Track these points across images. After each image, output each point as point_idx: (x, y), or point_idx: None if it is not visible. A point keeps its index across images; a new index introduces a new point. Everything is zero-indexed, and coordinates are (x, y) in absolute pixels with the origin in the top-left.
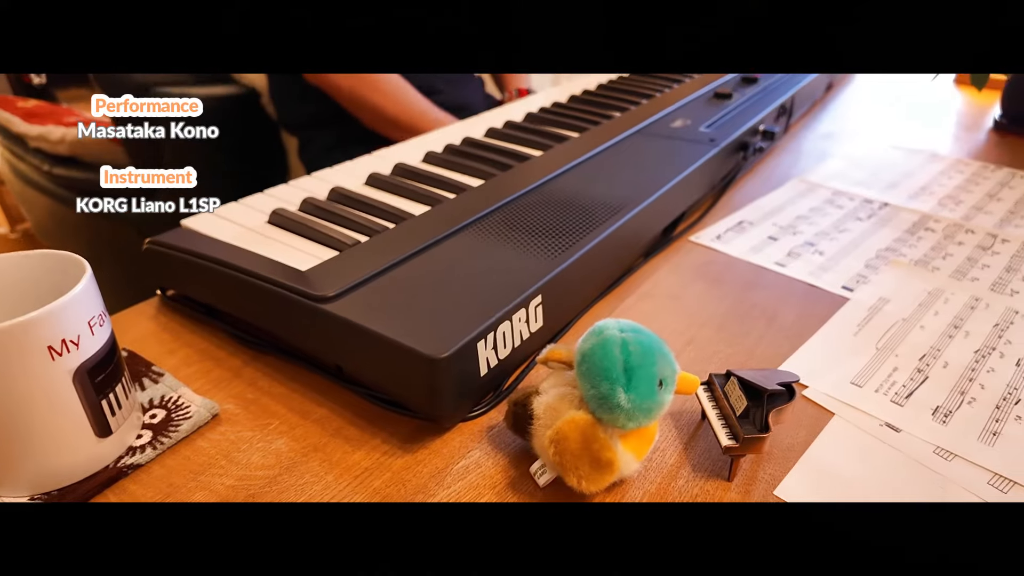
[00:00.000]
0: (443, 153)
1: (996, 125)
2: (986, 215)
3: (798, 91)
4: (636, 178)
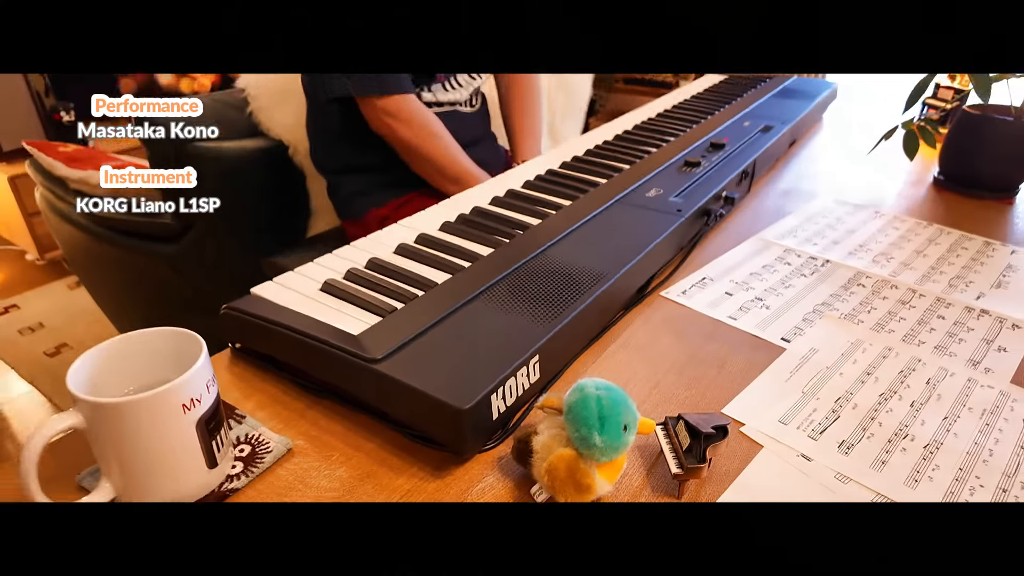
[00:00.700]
0: (456, 222)
1: (935, 182)
2: (911, 271)
3: (760, 155)
4: (616, 247)
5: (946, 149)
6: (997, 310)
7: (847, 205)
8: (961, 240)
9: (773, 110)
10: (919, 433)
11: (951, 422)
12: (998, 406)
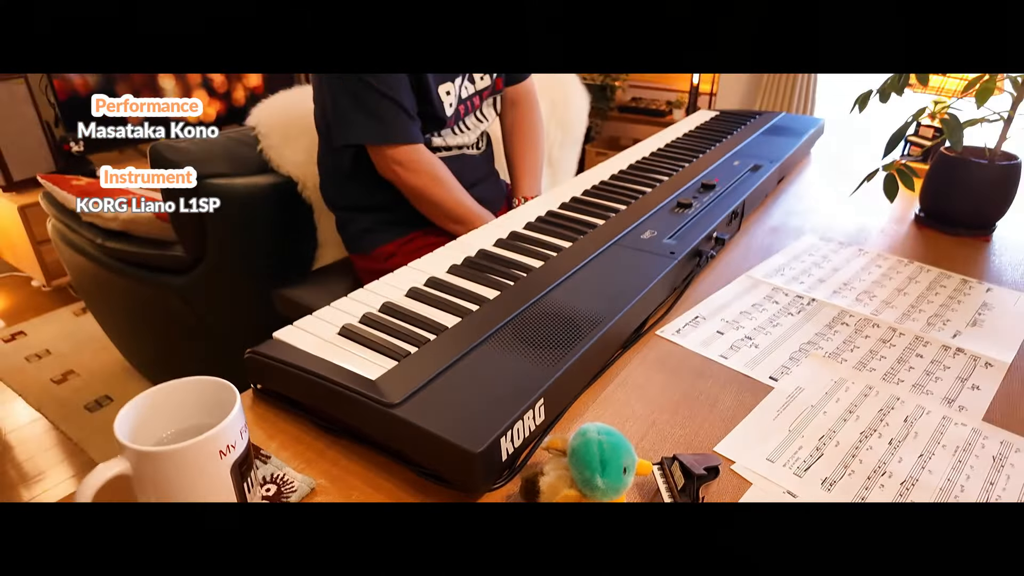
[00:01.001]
0: (463, 265)
1: (917, 219)
2: (892, 309)
3: (749, 195)
4: (613, 290)
5: (926, 188)
6: (972, 348)
7: (832, 242)
8: (940, 278)
9: (762, 148)
10: (896, 470)
11: (926, 459)
12: (970, 443)
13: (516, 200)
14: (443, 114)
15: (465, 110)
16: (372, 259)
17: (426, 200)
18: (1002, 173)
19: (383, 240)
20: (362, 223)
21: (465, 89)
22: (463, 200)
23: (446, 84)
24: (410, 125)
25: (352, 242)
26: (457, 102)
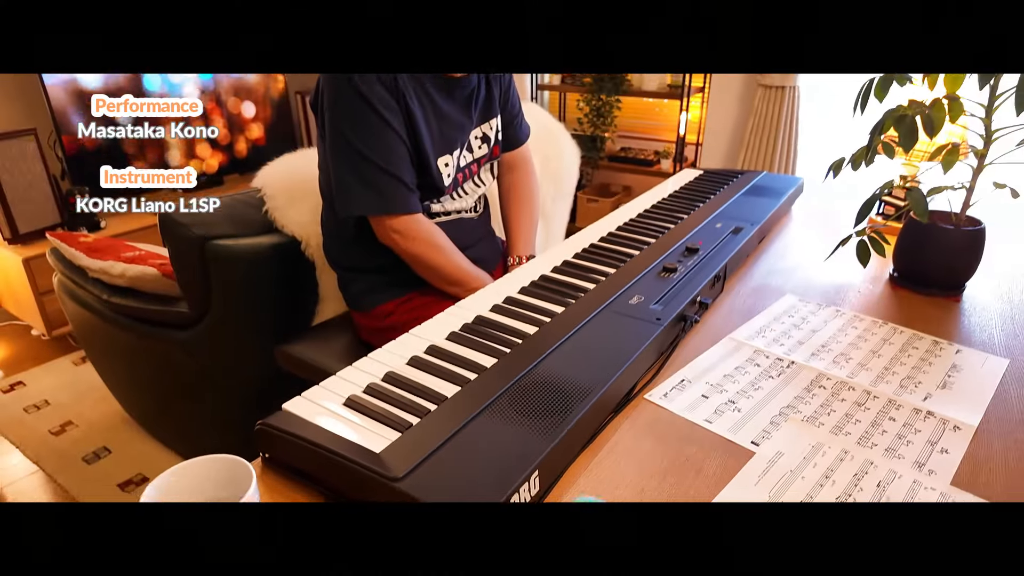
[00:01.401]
0: (462, 331)
1: (891, 278)
2: (867, 371)
3: (731, 258)
4: (604, 357)
5: (898, 251)
6: (941, 412)
7: (811, 303)
8: (912, 339)
9: (743, 209)
10: None
11: None
12: None
13: (512, 259)
14: (441, 184)
15: (463, 177)
16: (372, 317)
17: (423, 265)
18: (968, 238)
19: (382, 300)
20: (363, 283)
21: (463, 158)
22: (459, 263)
23: (445, 156)
24: (409, 197)
25: (353, 301)
26: (455, 171)
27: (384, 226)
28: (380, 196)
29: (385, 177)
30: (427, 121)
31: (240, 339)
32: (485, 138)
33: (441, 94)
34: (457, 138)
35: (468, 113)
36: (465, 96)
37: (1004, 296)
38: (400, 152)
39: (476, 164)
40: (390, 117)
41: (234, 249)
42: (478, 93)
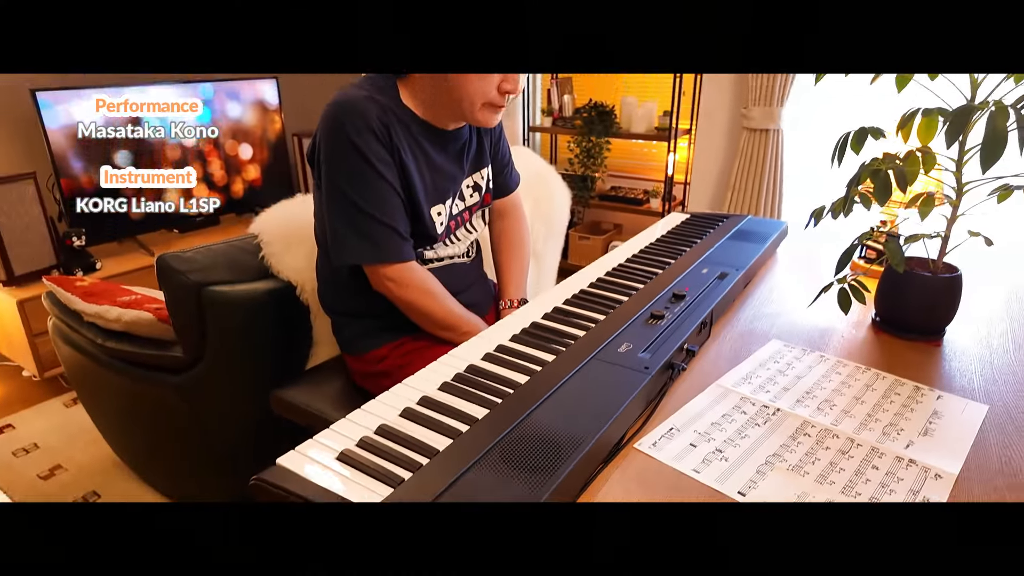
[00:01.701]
0: (454, 381)
1: (873, 323)
2: (850, 419)
3: (717, 304)
4: (594, 407)
5: (879, 297)
6: (923, 460)
7: (796, 348)
8: (894, 385)
9: (728, 254)
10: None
11: None
12: None
13: (503, 303)
14: (434, 232)
15: (456, 224)
16: (365, 362)
17: (416, 311)
18: (945, 285)
19: (375, 344)
20: (357, 328)
21: (456, 206)
22: (451, 309)
23: (437, 206)
24: (403, 245)
25: (347, 345)
26: (448, 219)
27: (378, 274)
28: (375, 246)
29: (379, 227)
30: (420, 173)
31: (234, 383)
32: (476, 187)
33: (434, 147)
34: (449, 188)
35: (460, 164)
36: (457, 148)
37: (983, 341)
38: (394, 202)
39: (468, 212)
40: (384, 170)
41: (230, 295)
42: (470, 145)
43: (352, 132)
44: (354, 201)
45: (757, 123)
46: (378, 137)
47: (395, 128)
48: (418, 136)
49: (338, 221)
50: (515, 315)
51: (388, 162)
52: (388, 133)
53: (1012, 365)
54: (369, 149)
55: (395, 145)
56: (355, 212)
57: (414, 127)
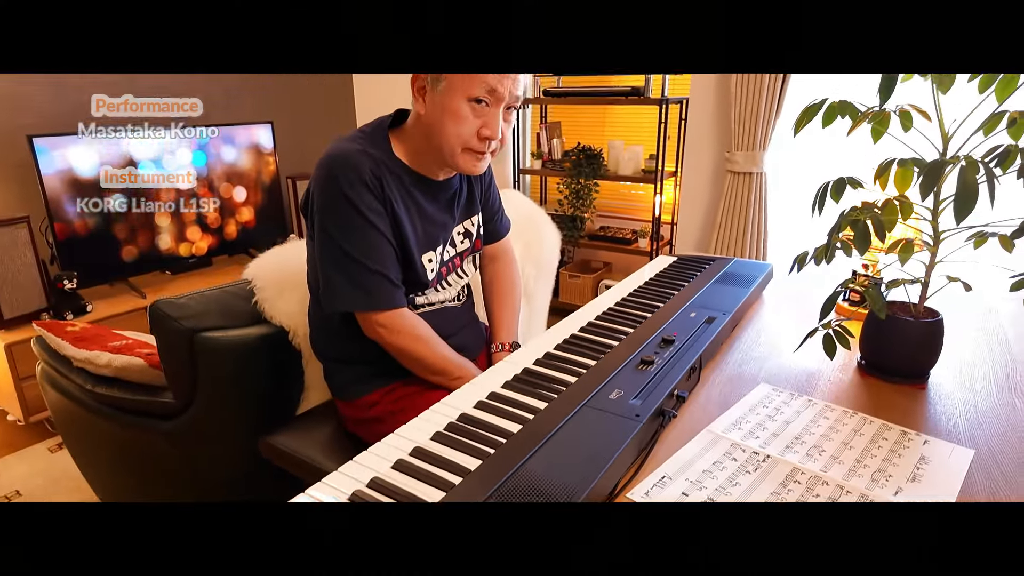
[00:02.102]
0: (446, 430)
1: (859, 366)
2: (839, 465)
3: (706, 349)
4: (586, 457)
5: (863, 341)
6: None
7: (784, 392)
8: (882, 430)
9: (715, 298)
10: None
11: None
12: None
13: (495, 346)
14: (426, 279)
15: (447, 270)
16: (356, 407)
17: (407, 356)
18: (927, 329)
19: (367, 390)
20: (348, 374)
21: (447, 253)
22: (443, 354)
23: (429, 253)
24: (394, 293)
25: (338, 391)
26: (439, 265)
27: (370, 321)
28: (366, 293)
29: (370, 275)
30: (412, 222)
31: (225, 429)
32: (467, 233)
33: (425, 197)
34: (440, 235)
35: (451, 212)
36: (448, 197)
37: (966, 384)
38: (386, 251)
39: (459, 257)
40: (376, 220)
41: (222, 341)
42: (460, 193)
43: (345, 184)
44: (346, 250)
45: (740, 167)
46: (370, 189)
47: (387, 179)
48: (409, 187)
49: (330, 269)
50: (507, 361)
51: (380, 212)
52: (380, 185)
53: (995, 408)
54: (361, 201)
55: (387, 196)
56: (347, 261)
57: (406, 178)
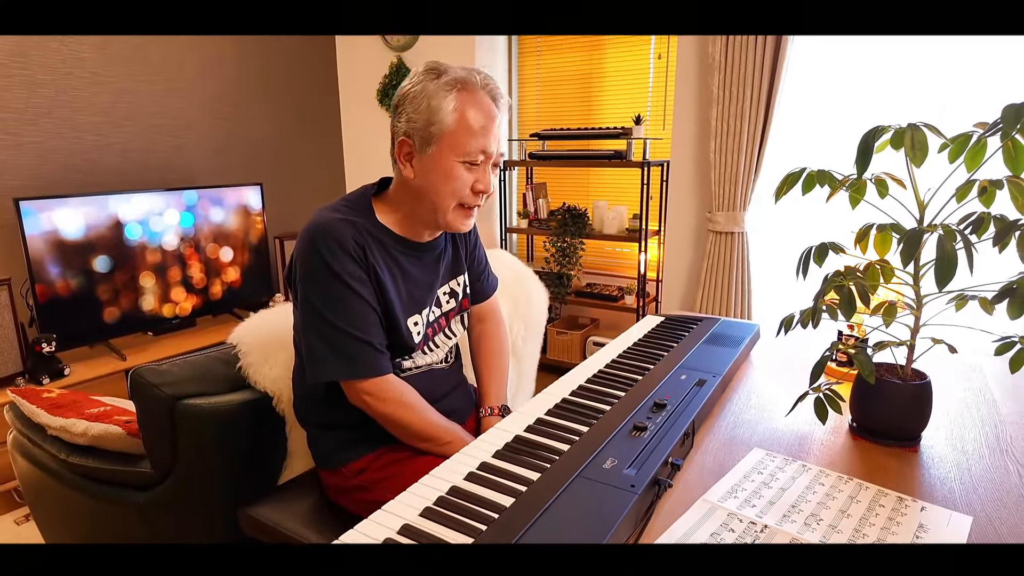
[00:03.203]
0: (437, 505)
1: (851, 428)
2: (838, 534)
3: (698, 413)
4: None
5: (853, 403)
6: None
7: (778, 458)
8: (878, 496)
9: (704, 359)
10: None
11: None
12: None
13: (484, 410)
14: (412, 343)
15: (433, 332)
16: (341, 476)
17: (394, 424)
18: (915, 391)
19: (352, 457)
20: (332, 441)
21: (432, 314)
22: (431, 419)
23: (414, 316)
24: (379, 359)
25: (323, 459)
26: (425, 327)
27: (355, 389)
28: (351, 362)
29: (354, 343)
30: (396, 287)
31: (204, 500)
32: (453, 293)
33: (410, 260)
34: (426, 297)
35: (436, 272)
36: (433, 257)
37: (957, 446)
38: (370, 318)
39: (444, 318)
40: (359, 287)
41: (204, 408)
42: (445, 253)
43: (327, 254)
44: (329, 320)
45: (722, 227)
46: (353, 257)
47: (370, 246)
48: (393, 251)
49: (314, 339)
50: (498, 428)
51: (363, 279)
52: (363, 252)
53: (989, 472)
54: (344, 269)
55: (370, 263)
56: (330, 330)
57: (389, 243)
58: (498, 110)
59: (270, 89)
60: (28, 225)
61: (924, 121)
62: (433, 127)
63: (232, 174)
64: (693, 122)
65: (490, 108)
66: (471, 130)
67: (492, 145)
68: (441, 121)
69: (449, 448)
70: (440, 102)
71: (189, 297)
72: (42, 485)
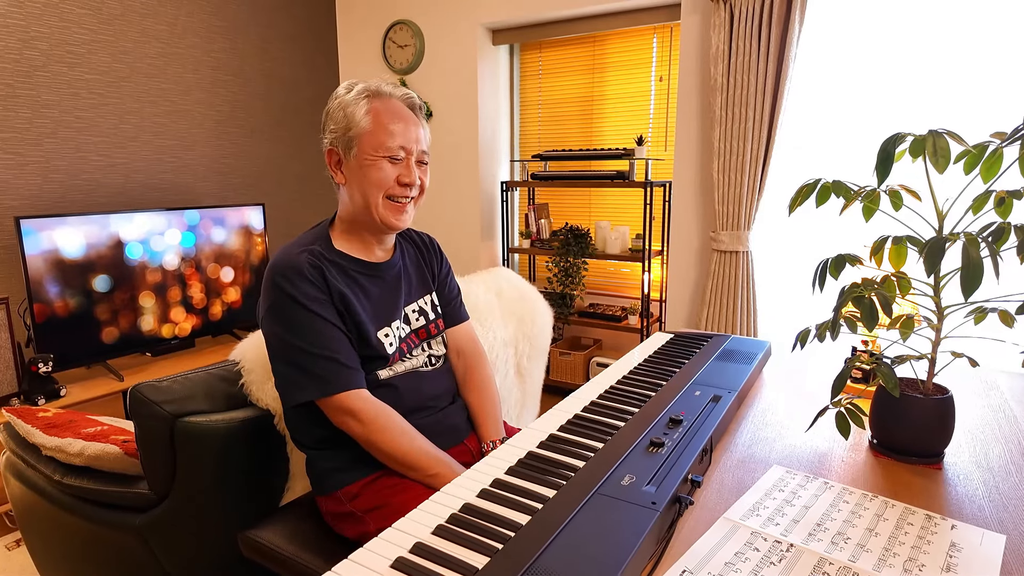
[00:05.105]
0: (449, 523)
1: (871, 445)
2: (868, 554)
3: (715, 428)
4: (603, 551)
5: (873, 420)
6: None
7: (799, 475)
8: (905, 514)
9: (717, 375)
10: None
11: None
12: None
13: (485, 446)
14: (384, 352)
15: (408, 347)
16: (335, 500)
17: (375, 449)
18: (938, 407)
19: (348, 480)
20: (327, 461)
21: (402, 330)
22: (413, 445)
23: (384, 328)
24: (349, 375)
25: (317, 482)
26: (398, 341)
27: (332, 408)
28: (319, 379)
29: (320, 361)
30: (360, 302)
31: (204, 522)
32: (422, 311)
33: (370, 280)
34: (392, 313)
35: (398, 291)
36: (392, 276)
37: (982, 463)
38: (334, 335)
39: (416, 335)
40: (319, 309)
41: (204, 426)
42: (406, 272)
43: (285, 284)
44: (294, 344)
45: (726, 246)
46: (311, 280)
47: (328, 270)
48: (352, 273)
49: (283, 366)
50: (510, 444)
51: (322, 301)
52: (322, 274)
53: (1018, 489)
54: (302, 293)
55: (331, 283)
56: (297, 354)
57: (347, 266)
58: (414, 114)
59: (273, 110)
60: (28, 244)
61: (945, 128)
62: (351, 131)
63: (234, 194)
64: (695, 142)
65: (401, 109)
66: (386, 128)
67: (411, 142)
68: (357, 124)
69: (436, 480)
70: (354, 109)
71: (189, 317)
72: (35, 508)
